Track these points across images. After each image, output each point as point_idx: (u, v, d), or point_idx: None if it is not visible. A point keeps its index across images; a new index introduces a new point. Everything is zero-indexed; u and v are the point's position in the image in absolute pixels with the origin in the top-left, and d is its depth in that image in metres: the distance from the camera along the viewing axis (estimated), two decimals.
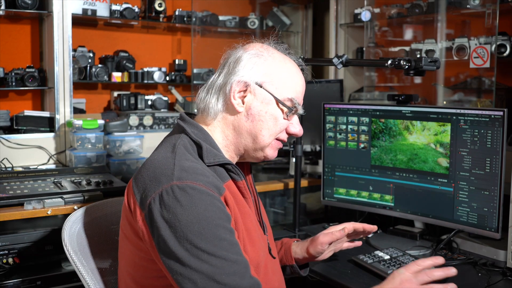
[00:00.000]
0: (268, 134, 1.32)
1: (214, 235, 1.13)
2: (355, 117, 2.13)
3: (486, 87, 2.70)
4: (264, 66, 1.31)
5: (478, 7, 2.60)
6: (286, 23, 3.66)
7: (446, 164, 1.88)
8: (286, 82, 1.32)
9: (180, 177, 1.16)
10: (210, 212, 1.14)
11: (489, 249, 1.80)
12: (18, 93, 2.86)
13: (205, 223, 1.12)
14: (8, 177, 2.18)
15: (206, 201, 1.15)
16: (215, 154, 1.27)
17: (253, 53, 1.32)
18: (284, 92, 1.31)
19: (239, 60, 1.31)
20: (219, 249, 1.12)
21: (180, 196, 1.13)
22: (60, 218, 1.98)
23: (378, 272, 1.67)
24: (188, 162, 1.21)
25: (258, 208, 1.42)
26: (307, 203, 2.76)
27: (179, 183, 1.15)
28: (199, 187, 1.15)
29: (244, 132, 1.32)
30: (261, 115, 1.30)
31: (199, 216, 1.13)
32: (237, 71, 1.30)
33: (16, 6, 2.60)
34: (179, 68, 3.32)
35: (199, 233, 1.12)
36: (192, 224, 1.12)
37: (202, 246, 1.11)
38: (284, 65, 1.33)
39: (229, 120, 1.32)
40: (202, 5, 3.35)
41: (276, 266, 1.45)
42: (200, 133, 1.31)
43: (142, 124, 3.00)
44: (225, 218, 1.17)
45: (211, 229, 1.13)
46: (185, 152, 1.25)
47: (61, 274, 1.98)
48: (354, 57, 3.31)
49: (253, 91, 1.30)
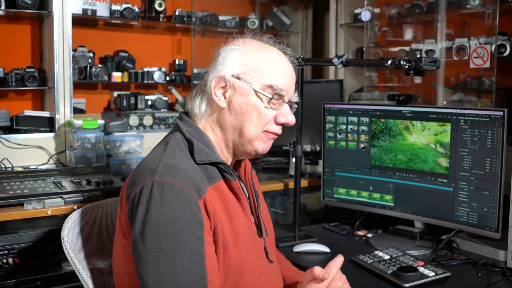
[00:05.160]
0: (252, 126, 1.30)
1: (179, 239, 1.12)
2: (355, 117, 2.13)
3: (486, 87, 2.69)
4: (240, 58, 1.31)
5: (478, 7, 2.60)
6: (286, 23, 3.66)
7: (446, 164, 1.88)
8: (264, 70, 1.30)
9: (162, 173, 1.17)
10: (181, 214, 1.13)
11: (489, 249, 1.80)
12: (18, 93, 2.86)
13: (173, 225, 1.12)
14: (8, 177, 2.18)
15: (179, 202, 1.14)
16: (207, 153, 1.27)
17: (229, 48, 1.33)
18: (262, 80, 1.29)
19: (217, 57, 1.33)
20: (179, 254, 1.11)
21: (156, 193, 1.14)
22: (60, 218, 1.98)
23: (378, 272, 1.66)
24: (173, 160, 1.21)
25: (257, 210, 1.40)
26: (307, 203, 2.77)
27: (159, 179, 1.15)
28: (178, 186, 1.15)
29: (230, 127, 1.31)
30: (242, 107, 1.29)
31: (168, 216, 1.12)
32: (215, 67, 1.32)
33: (16, 6, 2.60)
34: (179, 68, 3.32)
35: (165, 234, 1.11)
36: (160, 223, 1.12)
37: (164, 247, 1.11)
38: (262, 53, 1.32)
39: (215, 117, 1.33)
40: (202, 5, 3.34)
41: (274, 271, 1.41)
42: (195, 131, 1.32)
43: (142, 124, 3.01)
44: (196, 223, 1.15)
45: (177, 232, 1.12)
46: (175, 150, 1.25)
47: (61, 274, 1.98)
48: (354, 57, 3.31)
49: (232, 85, 1.30)
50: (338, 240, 2.07)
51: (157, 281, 1.09)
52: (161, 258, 1.10)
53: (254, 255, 1.31)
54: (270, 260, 1.39)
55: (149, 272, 1.10)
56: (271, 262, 1.39)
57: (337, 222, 2.28)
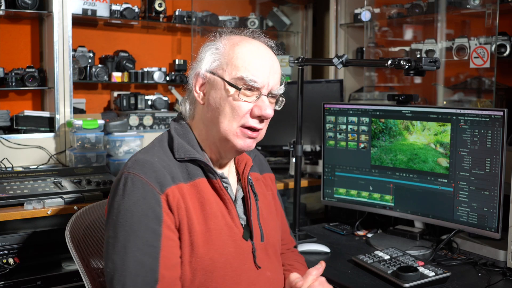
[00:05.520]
0: (226, 121, 1.27)
1: (132, 230, 1.18)
2: (355, 117, 2.13)
3: (486, 87, 2.69)
4: (215, 54, 1.32)
5: (478, 7, 2.60)
6: (286, 23, 3.66)
7: (446, 164, 1.88)
8: (236, 63, 1.28)
9: (130, 167, 1.24)
10: (137, 207, 1.19)
11: (489, 249, 1.80)
12: (18, 93, 2.86)
13: (129, 216, 1.19)
14: (8, 177, 2.18)
15: (137, 195, 1.20)
16: (187, 150, 1.30)
17: (206, 45, 1.36)
18: (233, 73, 1.27)
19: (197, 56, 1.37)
20: (131, 245, 1.17)
21: (120, 185, 1.22)
22: (60, 218, 1.98)
23: (378, 272, 1.66)
24: (144, 155, 1.27)
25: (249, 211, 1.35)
26: (307, 203, 2.77)
27: (126, 173, 1.23)
28: (139, 179, 1.21)
29: (208, 123, 1.32)
30: (217, 101, 1.29)
31: (126, 208, 1.20)
32: (194, 65, 1.35)
33: (16, 6, 2.60)
34: (179, 68, 3.32)
35: (121, 224, 1.19)
36: (119, 213, 1.20)
37: (119, 237, 1.18)
38: (236, 47, 1.30)
39: (199, 115, 1.35)
40: (202, 5, 3.35)
41: (263, 277, 1.34)
42: (181, 129, 1.35)
43: (142, 124, 3.01)
44: (152, 217, 1.20)
45: (132, 223, 1.18)
46: (154, 146, 1.32)
47: (61, 274, 1.98)
48: (354, 57, 3.31)
49: (208, 80, 1.32)
50: (338, 240, 2.07)
51: (112, 268, 1.17)
52: (116, 247, 1.18)
53: (231, 257, 1.28)
54: (257, 266, 1.33)
55: (106, 259, 1.20)
56: (258, 268, 1.33)
57: (337, 222, 2.28)
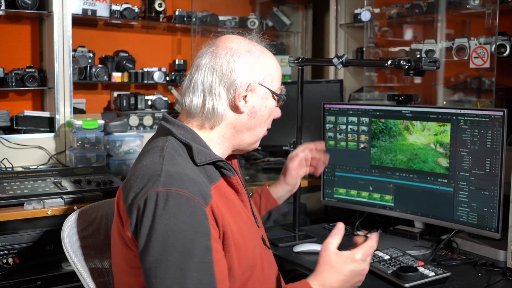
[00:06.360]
0: (264, 127, 1.39)
1: (186, 250, 1.10)
2: (355, 117, 2.13)
3: (486, 87, 2.70)
4: (258, 63, 1.31)
5: (478, 7, 2.60)
6: (286, 23, 3.67)
7: (446, 164, 1.88)
8: (275, 73, 1.36)
9: (166, 183, 1.14)
10: (188, 225, 1.11)
11: (489, 249, 1.80)
12: (18, 93, 2.86)
13: (181, 236, 1.10)
14: (8, 177, 2.18)
15: (186, 213, 1.12)
16: (206, 153, 1.26)
17: (243, 50, 1.29)
18: (275, 83, 1.36)
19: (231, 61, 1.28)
20: (188, 265, 1.09)
21: (161, 205, 1.12)
22: (60, 218, 1.97)
23: (378, 272, 1.66)
24: (175, 167, 1.18)
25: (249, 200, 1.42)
26: (307, 203, 2.76)
27: (163, 190, 1.13)
28: (183, 196, 1.13)
29: (244, 130, 1.34)
30: (262, 110, 1.34)
31: (175, 228, 1.10)
32: (235, 72, 1.27)
33: (16, 6, 2.60)
34: (179, 68, 3.32)
35: (172, 246, 1.10)
36: (167, 235, 1.10)
37: (172, 259, 1.09)
38: (269, 56, 1.36)
39: (230, 120, 1.31)
40: (202, 5, 3.35)
41: (271, 257, 1.46)
42: (187, 133, 1.28)
43: (142, 124, 3.01)
44: (203, 233, 1.13)
45: (184, 243, 1.10)
46: (174, 156, 1.21)
47: (61, 274, 1.98)
48: (354, 57, 3.31)
49: (254, 90, 1.31)
50: None
51: None
52: (170, 271, 1.09)
53: (258, 246, 1.35)
54: (268, 246, 1.44)
55: (158, 285, 1.09)
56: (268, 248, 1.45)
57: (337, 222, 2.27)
